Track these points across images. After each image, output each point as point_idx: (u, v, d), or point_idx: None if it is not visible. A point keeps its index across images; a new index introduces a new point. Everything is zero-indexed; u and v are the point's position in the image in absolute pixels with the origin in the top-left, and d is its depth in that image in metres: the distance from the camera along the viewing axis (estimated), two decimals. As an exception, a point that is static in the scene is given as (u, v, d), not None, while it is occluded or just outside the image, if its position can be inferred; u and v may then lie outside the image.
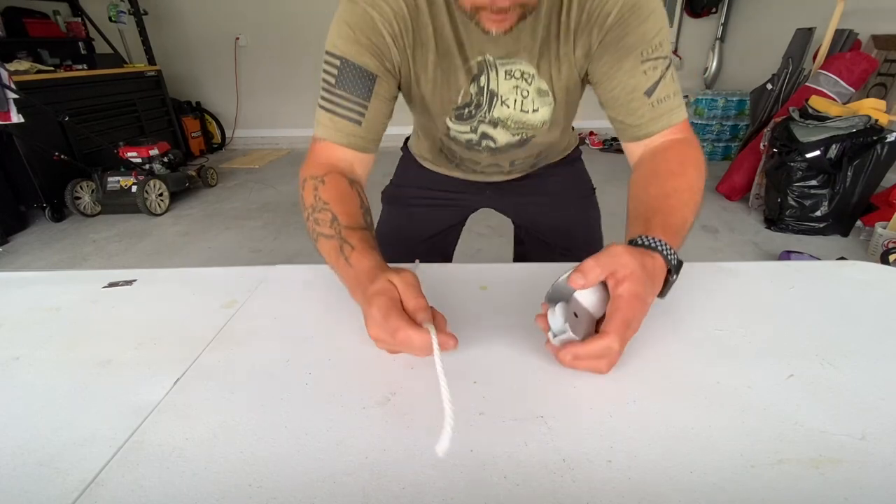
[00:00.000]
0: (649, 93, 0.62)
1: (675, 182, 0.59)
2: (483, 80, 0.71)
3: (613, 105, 0.66)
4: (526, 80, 0.71)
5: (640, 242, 0.48)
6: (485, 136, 0.78)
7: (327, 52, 0.64)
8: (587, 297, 0.45)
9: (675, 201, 0.56)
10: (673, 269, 0.48)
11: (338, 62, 0.63)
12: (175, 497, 0.34)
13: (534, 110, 0.74)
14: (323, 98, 0.65)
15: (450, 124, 0.76)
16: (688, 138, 0.64)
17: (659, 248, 0.48)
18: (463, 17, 0.66)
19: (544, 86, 0.72)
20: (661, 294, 0.49)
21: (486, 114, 0.74)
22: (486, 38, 0.68)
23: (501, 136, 0.78)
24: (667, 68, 0.62)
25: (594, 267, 0.43)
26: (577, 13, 0.65)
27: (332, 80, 0.64)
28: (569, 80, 0.71)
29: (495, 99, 0.72)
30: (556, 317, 0.43)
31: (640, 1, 0.62)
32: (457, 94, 0.72)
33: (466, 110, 0.74)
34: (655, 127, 0.63)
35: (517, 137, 0.78)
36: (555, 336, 0.43)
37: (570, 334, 0.41)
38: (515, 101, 0.73)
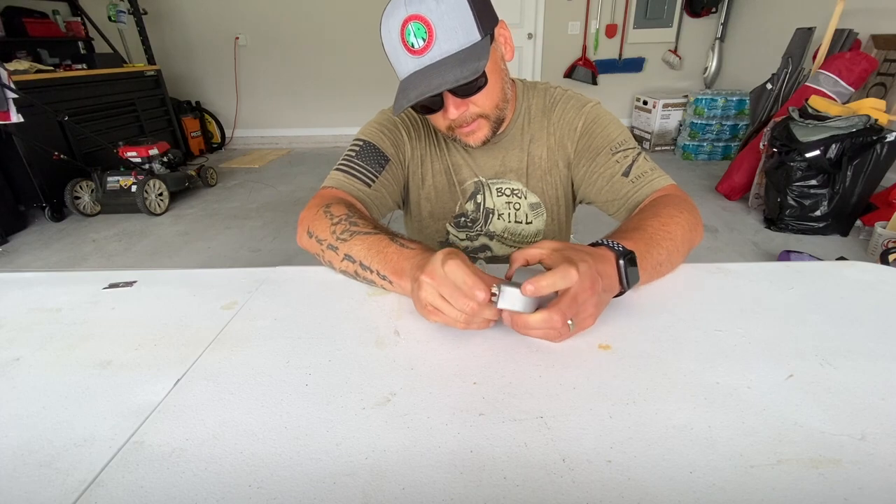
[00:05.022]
0: (626, 173, 0.71)
1: (655, 210, 0.62)
2: (480, 198, 0.83)
3: (600, 194, 0.74)
4: (517, 196, 0.82)
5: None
6: (483, 247, 0.88)
7: (354, 139, 0.76)
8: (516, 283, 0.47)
9: (649, 221, 0.59)
10: (619, 255, 0.49)
11: (361, 143, 0.75)
12: (175, 498, 0.34)
13: (527, 222, 0.84)
14: (341, 163, 0.74)
15: (449, 228, 0.86)
16: (676, 194, 0.68)
17: (602, 242, 0.51)
18: (453, 144, 0.79)
19: (535, 199, 0.82)
20: (626, 282, 0.50)
21: (483, 227, 0.85)
22: (475, 162, 0.80)
23: (498, 248, 0.88)
24: (638, 154, 0.72)
25: (519, 256, 0.51)
26: (553, 128, 0.77)
27: (353, 154, 0.74)
28: (557, 191, 0.81)
29: (491, 215, 0.84)
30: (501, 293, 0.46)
31: (598, 114, 0.75)
32: (454, 203, 0.83)
33: (463, 219, 0.85)
34: (640, 195, 0.69)
35: (513, 250, 0.88)
36: (496, 302, 0.46)
37: (507, 290, 0.45)
38: (509, 214, 0.83)
